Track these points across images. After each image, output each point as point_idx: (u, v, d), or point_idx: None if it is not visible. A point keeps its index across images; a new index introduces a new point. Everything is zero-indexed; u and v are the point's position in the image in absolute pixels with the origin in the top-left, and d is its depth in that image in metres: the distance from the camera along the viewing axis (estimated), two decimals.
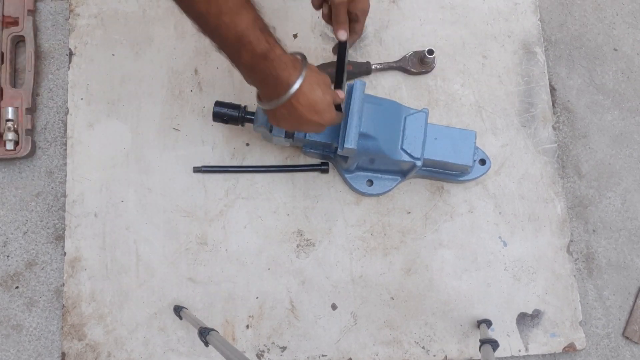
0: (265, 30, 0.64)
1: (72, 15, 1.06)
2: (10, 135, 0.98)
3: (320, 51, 1.05)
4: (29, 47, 1.03)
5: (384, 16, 1.07)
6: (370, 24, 1.07)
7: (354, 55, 1.05)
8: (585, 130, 1.08)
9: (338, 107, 0.78)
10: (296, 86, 0.67)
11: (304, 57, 0.70)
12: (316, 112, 0.71)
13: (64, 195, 1.00)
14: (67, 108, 1.03)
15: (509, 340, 0.97)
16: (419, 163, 0.89)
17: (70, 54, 1.04)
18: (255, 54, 0.64)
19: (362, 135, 0.84)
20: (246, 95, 1.03)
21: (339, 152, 0.86)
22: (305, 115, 0.71)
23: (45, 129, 1.04)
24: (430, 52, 1.01)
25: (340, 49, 0.85)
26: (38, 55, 1.05)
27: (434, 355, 0.97)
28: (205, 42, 1.03)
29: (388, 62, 1.04)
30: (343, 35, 0.82)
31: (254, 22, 0.62)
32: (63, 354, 0.95)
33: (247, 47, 0.63)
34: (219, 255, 0.98)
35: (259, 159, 1.01)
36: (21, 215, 1.01)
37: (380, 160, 0.91)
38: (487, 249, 1.00)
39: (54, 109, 1.04)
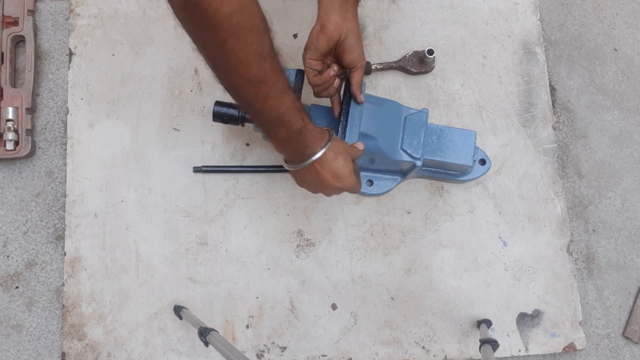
0: (301, 110, 0.72)
1: (72, 15, 1.06)
2: (10, 135, 0.98)
3: None
4: (29, 47, 1.03)
5: (384, 16, 1.07)
6: (370, 24, 1.07)
7: None
8: (585, 130, 1.08)
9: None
10: (320, 153, 0.74)
11: (331, 130, 0.77)
12: (337, 178, 0.77)
13: (64, 195, 1.00)
14: (67, 108, 1.03)
15: (509, 340, 0.97)
16: (419, 163, 0.89)
17: (70, 54, 1.04)
18: (291, 131, 0.71)
19: (362, 135, 0.84)
20: None
21: None
22: (328, 180, 0.77)
23: (45, 129, 1.04)
24: (430, 52, 1.00)
25: (346, 87, 0.86)
26: (38, 55, 1.05)
27: (434, 355, 0.96)
28: None
29: (388, 62, 1.04)
30: (363, 98, 0.86)
31: (294, 104, 0.70)
32: (63, 354, 0.95)
33: (286, 125, 0.70)
34: (219, 255, 0.98)
35: (259, 159, 1.02)
36: (21, 215, 1.01)
37: (380, 160, 0.91)
38: (487, 249, 1.00)
39: (54, 109, 1.04)
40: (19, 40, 1.05)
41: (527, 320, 0.98)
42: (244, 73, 0.64)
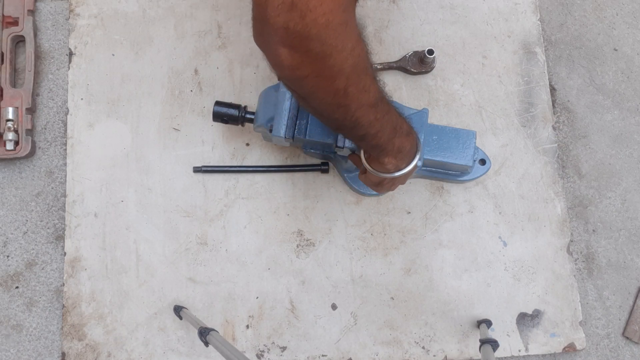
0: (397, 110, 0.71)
1: (72, 15, 1.06)
2: (10, 135, 0.98)
3: None
4: (29, 47, 1.03)
5: (384, 16, 1.07)
6: (370, 24, 1.07)
7: None
8: (585, 130, 1.08)
9: None
10: (419, 152, 0.76)
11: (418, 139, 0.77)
12: (400, 183, 0.83)
13: (64, 195, 1.00)
14: (67, 108, 1.03)
15: (509, 340, 0.97)
16: (419, 163, 0.89)
17: (70, 54, 1.04)
18: (403, 135, 0.72)
19: None
20: (246, 95, 1.03)
21: (339, 152, 0.85)
22: (394, 187, 0.83)
23: (45, 129, 1.04)
24: (430, 52, 1.00)
25: None
26: (38, 55, 1.05)
27: (434, 355, 0.96)
28: (205, 42, 1.05)
29: (388, 62, 1.04)
30: None
31: (396, 109, 0.70)
32: (63, 354, 0.95)
33: (399, 132, 0.70)
34: (219, 255, 0.98)
35: (259, 159, 1.02)
36: (21, 215, 1.01)
37: None
38: (487, 249, 1.00)
39: (54, 109, 1.04)
40: (19, 40, 1.05)
41: (527, 320, 0.98)
42: (369, 113, 0.63)
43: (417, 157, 0.75)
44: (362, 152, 0.77)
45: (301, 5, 0.48)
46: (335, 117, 0.63)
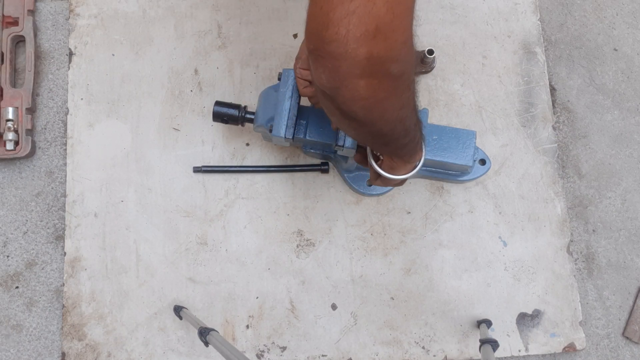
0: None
1: (72, 15, 1.06)
2: (10, 135, 0.98)
3: None
4: (29, 47, 1.03)
5: None
6: None
7: None
8: (585, 130, 1.08)
9: None
10: (424, 149, 0.74)
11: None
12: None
13: (64, 195, 1.00)
14: (67, 108, 1.03)
15: (509, 340, 0.97)
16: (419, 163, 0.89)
17: (70, 54, 1.04)
18: (417, 132, 0.69)
19: None
20: (246, 95, 1.03)
21: (339, 152, 0.85)
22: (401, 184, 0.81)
23: (45, 129, 1.04)
24: (430, 52, 1.00)
25: None
26: (38, 55, 1.05)
27: (434, 355, 0.96)
28: (205, 42, 1.05)
29: None
30: None
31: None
32: (63, 354, 0.95)
33: (415, 129, 0.67)
34: (219, 255, 0.98)
35: (259, 159, 1.02)
36: (21, 215, 1.01)
37: None
38: (487, 249, 1.00)
39: (54, 109, 1.04)
40: (19, 40, 1.05)
41: (527, 320, 0.98)
42: (414, 115, 0.61)
43: (423, 156, 0.74)
44: (378, 163, 0.74)
45: (385, 29, 0.45)
46: (393, 132, 0.60)
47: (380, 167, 0.74)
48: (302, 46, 0.78)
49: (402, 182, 0.79)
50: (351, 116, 0.53)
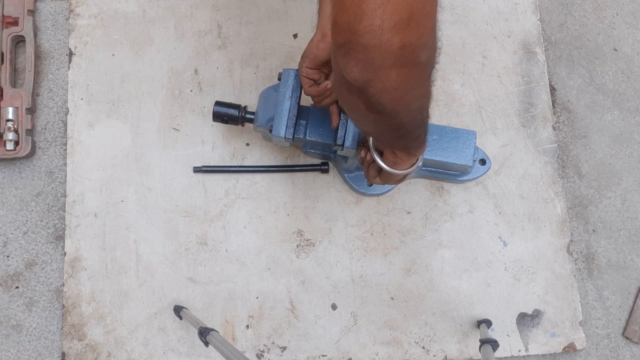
0: None
1: (72, 15, 1.06)
2: (10, 135, 0.98)
3: None
4: (29, 47, 1.03)
5: None
6: None
7: None
8: (585, 130, 1.08)
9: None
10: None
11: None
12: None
13: (64, 195, 1.00)
14: (67, 108, 1.03)
15: (509, 340, 0.97)
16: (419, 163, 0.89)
17: (70, 54, 1.04)
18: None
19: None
20: (246, 95, 1.03)
21: (339, 152, 0.85)
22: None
23: (45, 129, 1.04)
24: None
25: None
26: (38, 55, 1.05)
27: (434, 355, 0.96)
28: (205, 42, 1.05)
29: None
30: None
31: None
32: (63, 354, 0.95)
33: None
34: (219, 255, 0.98)
35: (259, 159, 1.02)
36: (21, 215, 1.01)
37: None
38: (487, 249, 1.00)
39: (54, 109, 1.04)
40: (19, 40, 1.05)
41: (527, 320, 0.98)
42: (425, 114, 0.61)
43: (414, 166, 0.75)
44: (380, 157, 0.74)
45: (417, 16, 0.45)
46: (412, 122, 0.59)
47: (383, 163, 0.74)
48: (310, 45, 0.78)
49: (403, 178, 0.79)
50: (378, 109, 0.52)
